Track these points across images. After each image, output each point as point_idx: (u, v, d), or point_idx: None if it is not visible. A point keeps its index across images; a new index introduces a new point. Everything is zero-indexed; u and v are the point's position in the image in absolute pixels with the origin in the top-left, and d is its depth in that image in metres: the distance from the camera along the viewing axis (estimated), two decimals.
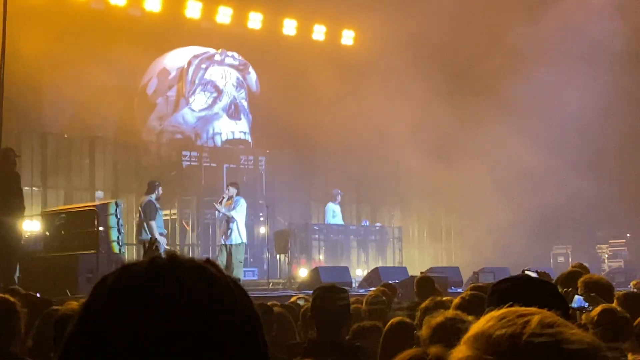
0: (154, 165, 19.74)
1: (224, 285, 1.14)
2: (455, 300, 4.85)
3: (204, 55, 20.95)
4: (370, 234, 20.05)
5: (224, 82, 21.23)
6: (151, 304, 1.08)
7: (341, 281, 14.47)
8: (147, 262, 1.14)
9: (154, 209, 14.39)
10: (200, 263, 1.16)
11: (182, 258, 1.16)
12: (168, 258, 1.16)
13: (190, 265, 1.14)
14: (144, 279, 1.11)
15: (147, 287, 1.10)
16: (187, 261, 1.15)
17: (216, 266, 1.17)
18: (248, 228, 19.79)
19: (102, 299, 1.10)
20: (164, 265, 1.14)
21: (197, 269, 1.14)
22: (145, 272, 1.12)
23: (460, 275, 15.60)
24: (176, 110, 20.64)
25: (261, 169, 21.41)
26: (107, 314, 1.08)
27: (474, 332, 1.23)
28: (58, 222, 13.01)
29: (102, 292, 1.11)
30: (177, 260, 1.15)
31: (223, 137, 21.12)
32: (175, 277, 1.11)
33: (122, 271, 1.13)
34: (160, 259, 1.15)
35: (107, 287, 1.11)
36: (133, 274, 1.12)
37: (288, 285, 16.50)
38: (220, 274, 1.16)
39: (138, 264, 1.14)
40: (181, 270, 1.13)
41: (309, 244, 18.58)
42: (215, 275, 1.15)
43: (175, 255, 1.16)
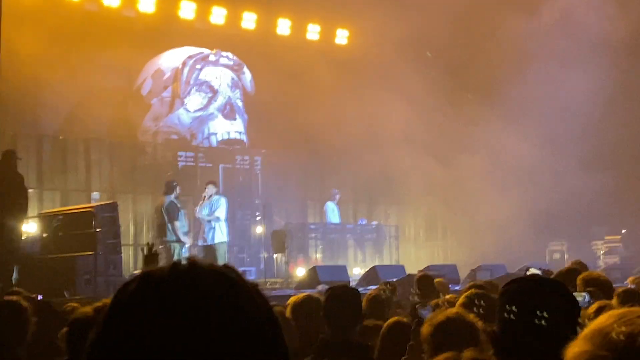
0: (150, 166, 19.74)
1: (245, 291, 1.15)
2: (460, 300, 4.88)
3: (198, 56, 20.94)
4: (367, 233, 20.08)
5: (218, 82, 21.22)
6: (174, 311, 1.08)
7: (339, 280, 14.48)
8: (168, 269, 1.15)
9: (176, 209, 14.46)
10: (221, 269, 1.17)
11: (203, 264, 1.16)
12: (189, 265, 1.16)
13: (211, 272, 1.15)
14: (165, 286, 1.11)
15: (169, 295, 1.10)
16: (208, 267, 1.16)
17: (236, 272, 1.18)
18: (245, 228, 19.85)
19: (125, 307, 1.11)
20: (185, 272, 1.14)
21: (218, 275, 1.15)
22: (167, 280, 1.12)
23: (457, 273, 15.61)
24: (171, 111, 20.62)
25: (257, 168, 21.41)
26: (130, 322, 1.09)
27: (592, 329, 1.26)
28: (55, 224, 12.99)
29: (124, 299, 1.12)
30: (198, 267, 1.15)
31: (218, 137, 21.12)
32: (197, 284, 1.11)
33: (144, 278, 1.14)
34: (181, 266, 1.15)
35: (129, 295, 1.12)
36: (154, 282, 1.12)
37: (286, 285, 16.50)
38: (240, 279, 1.16)
39: (159, 271, 1.15)
40: (202, 277, 1.13)
41: (306, 243, 18.61)
42: (236, 281, 1.15)
43: (195, 261, 1.16)
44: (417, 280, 7.78)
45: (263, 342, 1.12)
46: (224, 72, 21.35)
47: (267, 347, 1.13)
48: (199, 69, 20.91)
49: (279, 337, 1.15)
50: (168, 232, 14.47)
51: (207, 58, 21.10)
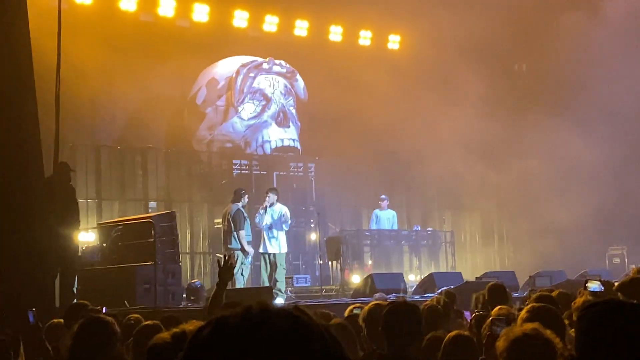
0: (205, 175, 19.91)
1: (317, 334, 1.15)
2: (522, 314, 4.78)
3: (252, 64, 21.06)
4: (422, 239, 19.93)
5: (272, 90, 21.31)
6: (249, 358, 1.10)
7: (395, 287, 14.43)
8: (240, 314, 1.16)
9: (242, 218, 14.49)
10: (292, 311, 1.18)
11: (274, 308, 1.18)
12: (260, 309, 1.17)
13: (282, 316, 1.16)
14: (239, 333, 1.13)
15: (243, 342, 1.11)
16: (280, 311, 1.17)
17: (307, 314, 1.19)
18: (299, 235, 19.88)
19: (200, 356, 1.12)
20: (257, 317, 1.15)
21: (289, 319, 1.16)
22: (240, 326, 1.14)
23: (516, 280, 15.39)
24: (225, 120, 20.77)
25: (310, 175, 21.44)
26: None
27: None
28: (114, 234, 13.14)
29: (199, 346, 1.13)
30: (270, 312, 1.16)
31: (272, 145, 21.20)
32: (269, 330, 1.13)
33: (217, 324, 1.15)
34: (252, 311, 1.16)
35: (203, 342, 1.13)
36: (228, 328, 1.13)
37: (341, 292, 16.46)
38: (312, 322, 1.17)
39: (232, 317, 1.16)
40: (274, 323, 1.14)
41: (361, 250, 18.55)
42: (308, 324, 1.16)
43: (267, 306, 1.18)
44: (488, 289, 7.57)
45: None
46: (277, 80, 21.44)
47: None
48: (252, 77, 21.04)
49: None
50: (233, 240, 14.51)
51: (261, 66, 21.21)
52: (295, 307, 1.21)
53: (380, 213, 18.95)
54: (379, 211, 18.99)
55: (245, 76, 20.91)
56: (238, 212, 14.53)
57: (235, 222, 14.44)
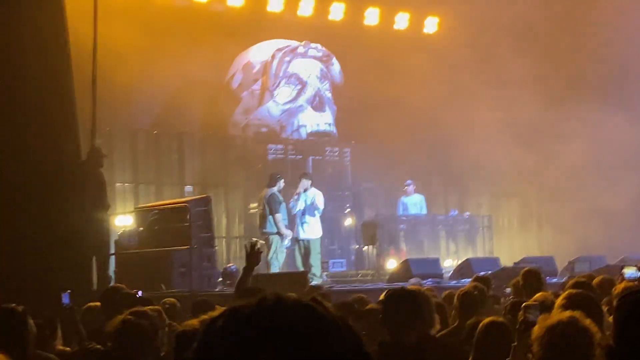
0: (240, 159, 19.93)
1: (333, 324, 1.13)
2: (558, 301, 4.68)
3: (287, 48, 21.00)
4: (459, 224, 19.77)
5: (307, 74, 21.24)
6: (261, 350, 1.08)
7: (432, 272, 14.35)
8: (255, 306, 1.14)
9: (277, 202, 14.53)
10: (307, 302, 1.16)
11: (289, 299, 1.15)
12: (275, 300, 1.15)
13: (297, 306, 1.14)
14: (252, 324, 1.11)
15: (256, 333, 1.10)
16: (294, 302, 1.15)
17: (322, 304, 1.16)
18: (335, 219, 19.83)
19: (213, 345, 1.11)
20: (271, 308, 1.13)
21: (304, 310, 1.14)
22: (253, 318, 1.12)
23: (554, 265, 15.23)
24: (261, 104, 20.75)
25: (346, 160, 21.37)
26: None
27: None
28: (151, 218, 13.23)
29: (212, 337, 1.12)
30: (284, 302, 1.14)
31: (308, 130, 21.15)
32: (283, 321, 1.11)
33: (231, 315, 1.13)
34: (267, 301, 1.14)
35: (216, 333, 1.12)
36: (241, 319, 1.12)
37: (377, 277, 16.42)
38: (327, 312, 1.14)
39: (246, 307, 1.14)
40: (288, 313, 1.12)
41: (397, 235, 18.45)
42: (324, 315, 1.13)
43: (281, 297, 1.16)
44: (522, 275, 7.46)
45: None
46: (312, 64, 21.36)
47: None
48: (287, 61, 20.97)
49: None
50: (268, 224, 14.53)
51: (296, 50, 21.14)
52: (312, 299, 1.18)
53: (406, 199, 18.76)
54: (405, 197, 18.81)
55: (280, 60, 20.85)
56: (273, 195, 14.53)
57: (271, 205, 14.45)
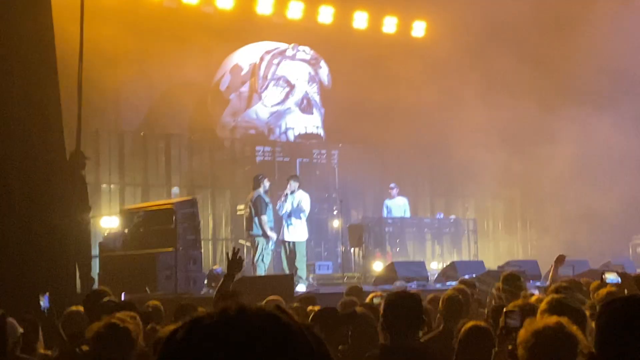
0: (228, 161, 19.92)
1: (298, 333, 1.12)
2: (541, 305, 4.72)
3: (275, 51, 21.02)
4: (444, 227, 19.83)
5: (296, 76, 21.26)
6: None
7: (417, 276, 14.38)
8: (217, 315, 1.12)
9: (263, 204, 14.49)
10: (271, 312, 1.14)
11: (251, 309, 1.14)
12: (237, 311, 1.13)
13: (260, 316, 1.13)
14: (213, 335, 1.10)
15: (215, 344, 1.08)
16: (257, 311, 1.14)
17: (287, 313, 1.15)
18: (321, 222, 19.85)
19: (173, 356, 1.10)
20: (233, 318, 1.12)
21: (268, 318, 1.13)
22: (214, 328, 1.11)
23: (538, 269, 15.30)
24: (249, 106, 20.76)
25: (334, 162, 21.38)
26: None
27: None
28: (137, 220, 13.20)
29: (172, 350, 1.11)
30: (247, 312, 1.13)
31: (296, 132, 21.17)
32: (244, 331, 1.09)
33: (192, 325, 1.12)
34: (229, 312, 1.13)
35: (176, 344, 1.11)
36: (201, 330, 1.10)
37: (363, 280, 16.43)
38: (292, 321, 1.13)
39: (207, 317, 1.13)
40: (250, 323, 1.11)
41: (383, 237, 18.48)
42: (288, 323, 1.13)
43: (244, 307, 1.14)
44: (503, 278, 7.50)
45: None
46: (301, 67, 21.39)
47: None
48: (276, 63, 20.99)
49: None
50: (254, 226, 14.53)
51: (285, 52, 21.16)
52: (275, 307, 1.17)
53: (390, 202, 18.82)
54: (389, 200, 18.87)
55: (269, 62, 20.87)
56: (259, 198, 14.54)
57: (256, 207, 14.45)
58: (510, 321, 4.04)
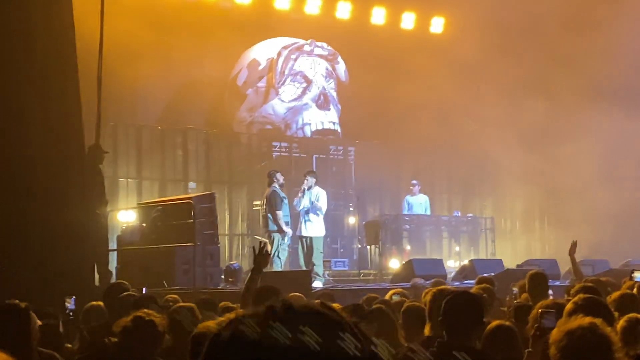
0: (245, 157, 19.91)
1: (347, 329, 1.09)
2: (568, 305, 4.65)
3: (293, 46, 20.98)
4: (461, 225, 19.74)
5: (313, 72, 21.22)
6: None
7: (435, 273, 14.29)
8: (262, 314, 1.09)
9: (278, 199, 14.41)
10: (318, 309, 1.11)
11: (298, 306, 1.11)
12: (284, 309, 1.10)
13: (307, 313, 1.10)
14: (260, 336, 1.07)
15: (264, 345, 1.06)
16: (304, 309, 1.11)
17: (334, 310, 1.12)
18: (338, 218, 19.81)
19: (219, 353, 1.08)
20: (280, 318, 1.09)
21: (315, 316, 1.10)
22: (260, 330, 1.08)
23: (557, 268, 15.18)
24: (266, 101, 20.73)
25: (350, 159, 21.34)
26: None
27: None
28: (154, 214, 13.18)
29: (217, 352, 1.08)
30: (293, 310, 1.10)
31: (312, 128, 21.13)
32: (294, 330, 1.06)
33: (237, 326, 1.09)
34: (275, 311, 1.10)
35: (223, 347, 1.08)
36: (248, 331, 1.08)
37: (379, 277, 16.38)
38: (339, 318, 1.10)
39: (253, 316, 1.10)
40: (298, 322, 1.08)
41: (400, 235, 18.42)
42: (336, 320, 1.10)
43: (290, 305, 1.11)
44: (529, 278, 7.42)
45: None
46: (318, 62, 21.34)
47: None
48: (293, 59, 20.95)
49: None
50: (270, 222, 14.49)
51: (302, 48, 21.12)
52: (321, 303, 1.13)
53: (411, 199, 18.72)
54: (410, 197, 18.76)
55: (286, 58, 20.83)
56: (273, 193, 14.47)
57: (271, 203, 14.40)
58: (546, 321, 3.98)
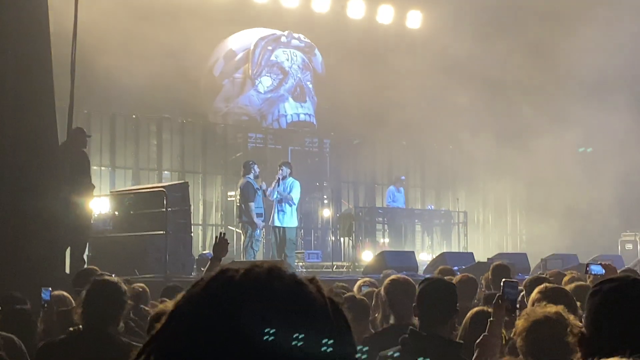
0: (220, 147, 19.88)
1: (320, 306, 1.09)
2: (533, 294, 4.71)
3: (270, 37, 20.96)
4: (435, 218, 19.86)
5: (289, 64, 21.22)
6: (240, 314, 1.05)
7: (407, 266, 14.38)
8: (245, 270, 1.11)
9: (252, 190, 14.42)
10: (301, 280, 1.11)
11: (283, 272, 1.11)
12: (268, 269, 1.11)
13: (289, 281, 1.10)
14: (238, 287, 1.08)
15: (240, 297, 1.07)
16: (287, 276, 1.11)
17: (318, 285, 1.12)
18: (312, 211, 19.86)
19: (195, 300, 1.09)
20: (262, 277, 1.10)
21: (295, 285, 1.10)
22: (241, 281, 1.09)
23: (527, 262, 15.31)
24: (242, 92, 20.70)
25: (325, 151, 21.39)
26: (197, 314, 1.07)
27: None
28: (127, 203, 13.16)
29: (197, 292, 1.10)
30: (276, 273, 1.11)
31: (288, 119, 21.14)
32: (270, 292, 1.08)
33: (219, 275, 1.11)
34: (259, 269, 1.11)
35: (201, 289, 1.10)
36: (228, 281, 1.09)
37: (352, 269, 16.45)
38: (319, 294, 1.11)
39: (237, 270, 1.11)
40: (277, 286, 1.09)
41: (374, 227, 18.50)
42: (313, 295, 1.10)
43: (275, 268, 1.12)
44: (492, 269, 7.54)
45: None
46: (295, 54, 21.34)
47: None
48: (270, 50, 20.94)
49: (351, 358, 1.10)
50: (243, 213, 14.51)
51: (279, 39, 21.11)
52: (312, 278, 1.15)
53: (396, 192, 18.78)
54: (395, 189, 18.79)
55: (263, 49, 20.81)
56: (247, 184, 14.48)
57: (244, 194, 14.41)
58: (508, 290, 4.01)
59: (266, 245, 16.16)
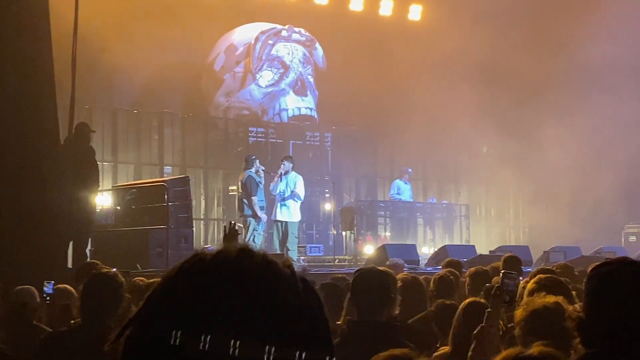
0: (221, 141, 19.90)
1: (290, 284, 1.12)
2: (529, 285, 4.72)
3: (271, 31, 20.95)
4: (437, 212, 19.85)
5: (290, 58, 21.21)
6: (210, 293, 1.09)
7: (408, 258, 14.39)
8: (217, 251, 1.15)
9: (254, 184, 14.43)
10: (271, 260, 1.14)
11: (253, 252, 1.14)
12: (239, 249, 1.14)
13: (258, 260, 1.13)
14: (208, 267, 1.12)
15: (210, 276, 1.11)
16: (257, 256, 1.13)
17: (289, 265, 1.15)
18: (314, 204, 19.86)
19: (169, 282, 1.14)
20: (231, 256, 1.13)
21: (265, 264, 1.13)
22: (211, 261, 1.13)
23: (530, 255, 15.29)
24: (243, 86, 20.71)
25: (327, 145, 21.39)
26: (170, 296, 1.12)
27: None
28: (129, 197, 13.18)
29: (171, 276, 1.15)
30: (246, 253, 1.13)
31: (289, 113, 21.14)
32: (239, 270, 1.11)
33: (191, 257, 1.15)
34: (230, 251, 1.14)
35: (175, 272, 1.15)
36: (199, 262, 1.13)
37: (354, 262, 16.45)
38: (289, 272, 1.13)
39: (208, 253, 1.15)
40: (246, 264, 1.12)
41: (375, 221, 18.50)
42: (282, 272, 1.12)
43: (246, 248, 1.15)
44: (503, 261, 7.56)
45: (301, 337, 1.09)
46: (295, 48, 21.33)
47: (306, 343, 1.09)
48: (271, 44, 20.93)
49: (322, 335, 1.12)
50: (245, 207, 14.52)
51: (280, 34, 21.10)
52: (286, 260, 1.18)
53: (402, 185, 18.72)
54: (401, 182, 18.71)
55: (264, 43, 20.81)
56: (249, 178, 14.49)
57: (247, 188, 14.42)
58: (507, 281, 4.02)
59: (267, 238, 16.18)
